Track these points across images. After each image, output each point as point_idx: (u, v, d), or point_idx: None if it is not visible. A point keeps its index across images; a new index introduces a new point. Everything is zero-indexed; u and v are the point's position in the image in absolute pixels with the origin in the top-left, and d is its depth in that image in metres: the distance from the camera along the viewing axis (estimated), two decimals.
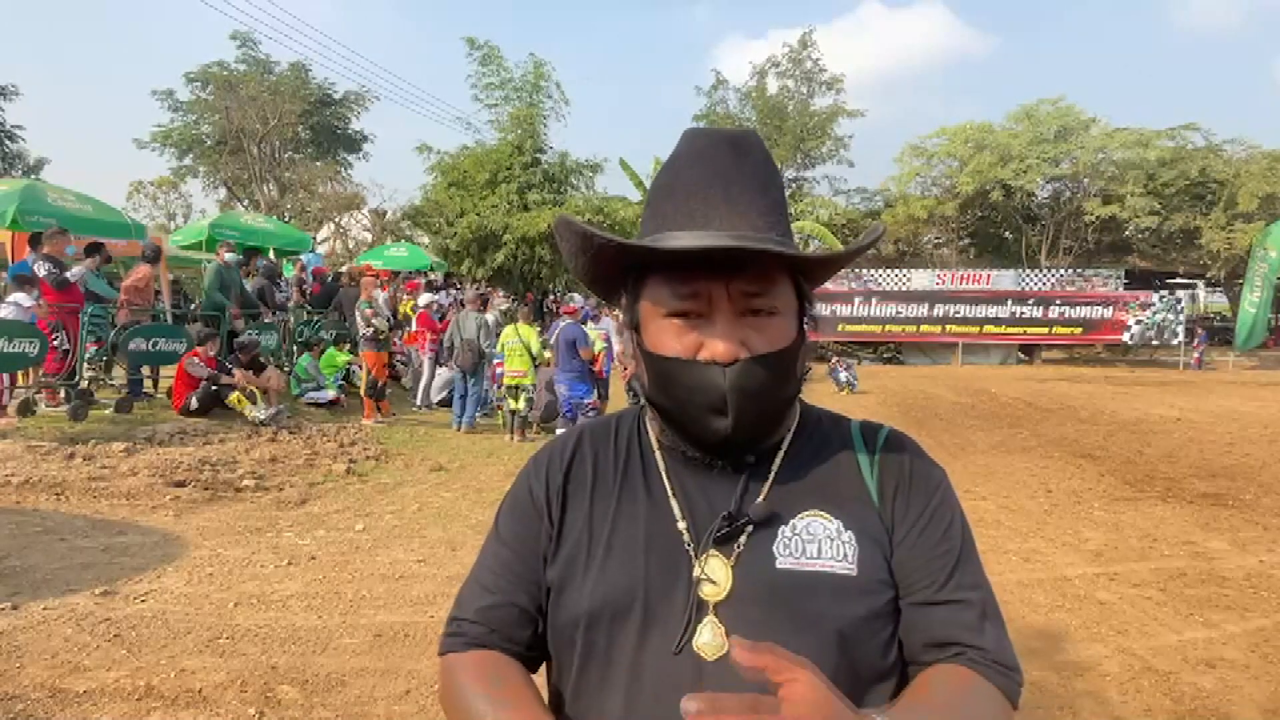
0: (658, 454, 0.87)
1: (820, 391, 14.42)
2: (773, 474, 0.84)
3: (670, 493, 0.84)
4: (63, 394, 7.68)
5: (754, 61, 35.26)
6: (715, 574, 0.78)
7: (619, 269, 0.84)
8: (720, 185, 0.78)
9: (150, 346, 8.16)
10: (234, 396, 8.20)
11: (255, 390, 8.40)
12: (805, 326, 0.83)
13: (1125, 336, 21.76)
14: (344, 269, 14.92)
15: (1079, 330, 21.93)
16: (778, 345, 0.78)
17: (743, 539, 0.79)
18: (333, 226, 30.85)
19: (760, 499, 0.81)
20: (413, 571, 4.55)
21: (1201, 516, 5.96)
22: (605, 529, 0.84)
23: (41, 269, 7.53)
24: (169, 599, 3.97)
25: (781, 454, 0.85)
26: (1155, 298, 21.88)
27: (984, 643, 0.77)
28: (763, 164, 0.81)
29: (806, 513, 0.81)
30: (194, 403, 7.98)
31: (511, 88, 22.35)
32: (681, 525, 0.81)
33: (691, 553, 0.79)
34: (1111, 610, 4.08)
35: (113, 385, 8.45)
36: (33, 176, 23.85)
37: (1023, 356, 22.96)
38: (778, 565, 0.78)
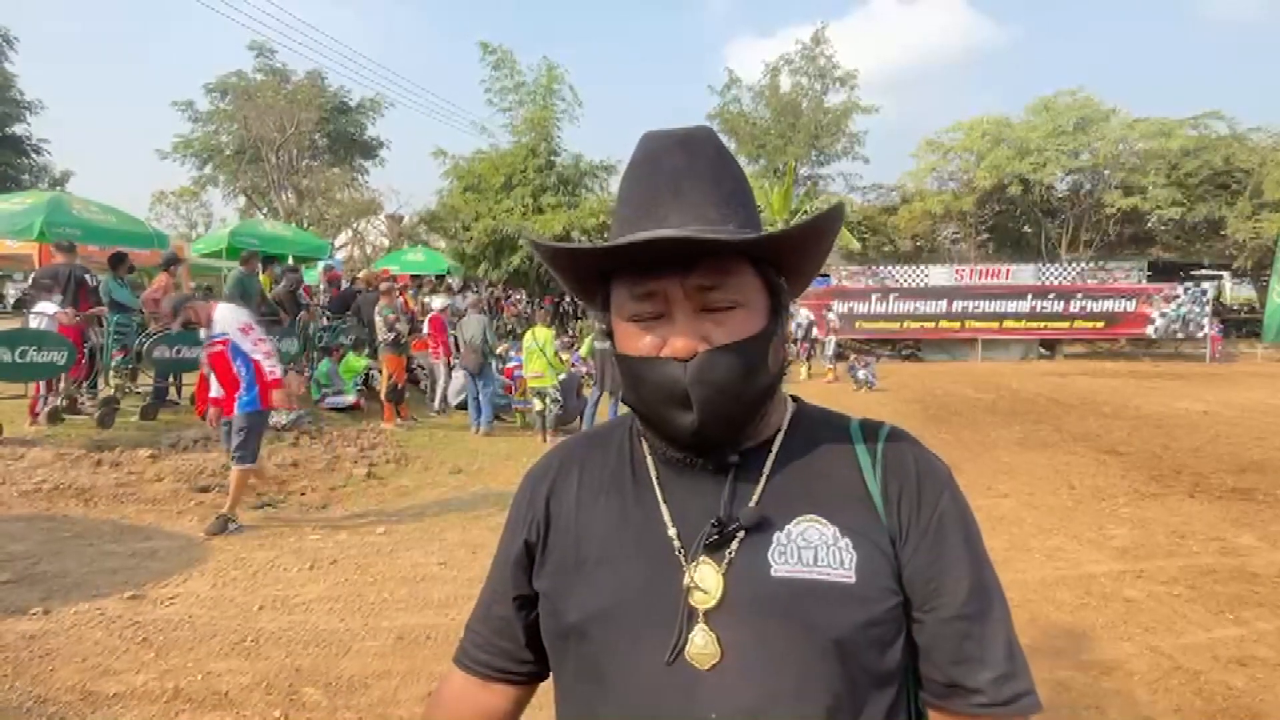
0: (649, 459, 0.86)
1: (839, 390, 14.33)
2: (764, 477, 0.81)
3: (661, 499, 0.82)
4: (82, 401, 7.81)
5: (767, 59, 35.07)
6: (705, 581, 0.76)
7: (592, 279, 0.84)
8: (670, 183, 0.77)
9: (174, 353, 8.29)
10: None
11: None
12: (779, 317, 0.81)
13: (1149, 330, 21.41)
14: (360, 274, 15.07)
15: (1101, 324, 21.62)
16: (739, 336, 0.76)
17: (734, 545, 0.77)
18: (350, 232, 31.16)
19: (752, 503, 0.79)
20: (433, 574, 4.58)
21: (1231, 512, 5.85)
22: (594, 537, 0.83)
23: (92, 281, 8.00)
24: (195, 603, 4.03)
25: (773, 455, 0.83)
26: (1180, 289, 21.52)
27: (996, 652, 0.77)
28: (715, 158, 0.80)
29: (802, 518, 0.78)
30: None
31: (525, 91, 22.48)
32: (671, 532, 0.79)
33: (682, 559, 0.77)
34: (1139, 608, 4.02)
35: (139, 393, 8.59)
36: (58, 189, 24.34)
37: (1044, 351, 22.67)
38: (773, 573, 0.76)
